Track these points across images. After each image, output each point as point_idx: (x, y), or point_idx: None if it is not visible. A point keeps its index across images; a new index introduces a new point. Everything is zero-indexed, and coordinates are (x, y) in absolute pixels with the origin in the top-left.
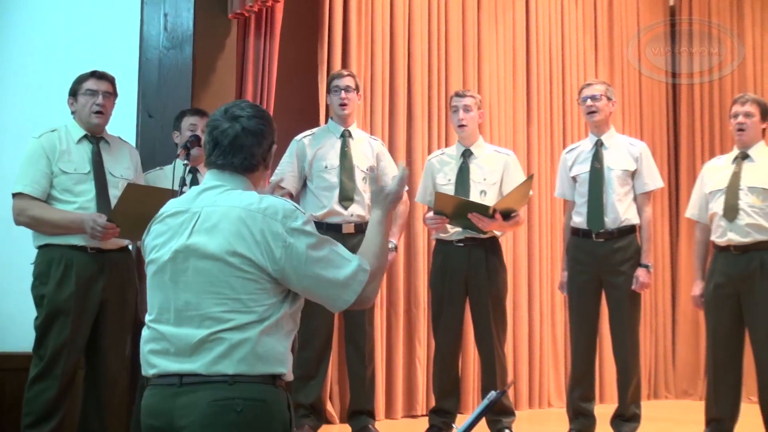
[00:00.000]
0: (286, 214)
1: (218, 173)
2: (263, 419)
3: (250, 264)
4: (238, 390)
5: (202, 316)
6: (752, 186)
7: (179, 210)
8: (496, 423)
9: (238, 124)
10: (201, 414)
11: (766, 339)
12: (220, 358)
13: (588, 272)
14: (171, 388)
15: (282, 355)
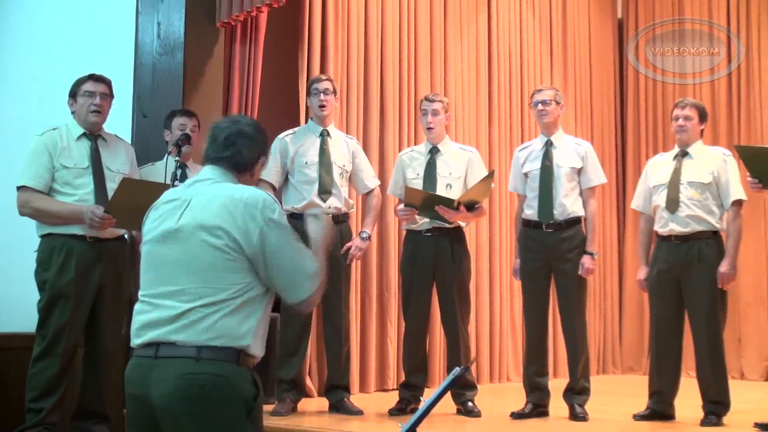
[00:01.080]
0: (265, 204)
1: (212, 167)
2: (224, 393)
3: (231, 241)
4: (203, 366)
5: (182, 292)
6: (691, 181)
7: (173, 198)
8: (460, 396)
9: (235, 126)
10: (170, 386)
11: (703, 320)
12: (190, 327)
13: (538, 260)
14: (148, 360)
15: (245, 331)
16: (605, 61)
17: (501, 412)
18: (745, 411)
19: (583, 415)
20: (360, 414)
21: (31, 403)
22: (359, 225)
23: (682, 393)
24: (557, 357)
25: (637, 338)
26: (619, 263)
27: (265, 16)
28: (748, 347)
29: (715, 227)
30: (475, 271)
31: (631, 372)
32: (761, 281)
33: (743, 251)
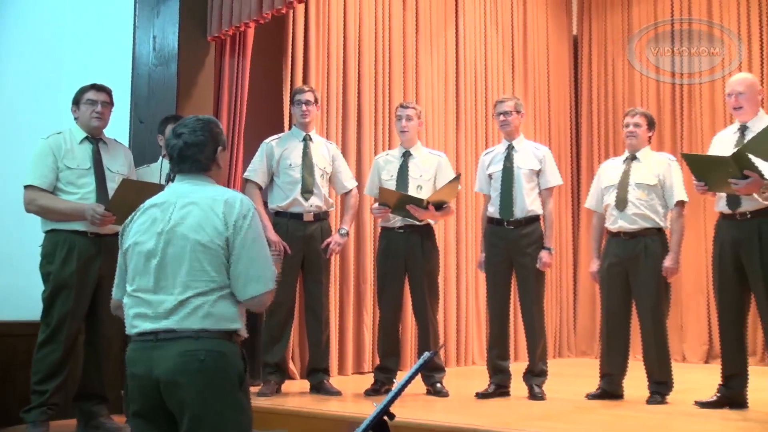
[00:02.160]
0: (242, 204)
1: (181, 176)
2: (221, 366)
3: (216, 236)
4: (201, 343)
5: (176, 284)
6: (639, 182)
7: (159, 202)
8: (430, 378)
9: (180, 140)
10: (172, 362)
11: (648, 308)
12: (187, 317)
13: (501, 254)
14: (149, 342)
15: (235, 315)
16: (561, 73)
17: (467, 392)
18: (686, 390)
19: (541, 394)
20: (338, 395)
21: (35, 386)
22: (338, 222)
23: (630, 374)
24: (517, 342)
25: (589, 325)
26: (573, 257)
27: (252, 31)
28: (689, 333)
29: (660, 225)
30: (443, 264)
31: (584, 355)
32: (701, 274)
33: (685, 247)
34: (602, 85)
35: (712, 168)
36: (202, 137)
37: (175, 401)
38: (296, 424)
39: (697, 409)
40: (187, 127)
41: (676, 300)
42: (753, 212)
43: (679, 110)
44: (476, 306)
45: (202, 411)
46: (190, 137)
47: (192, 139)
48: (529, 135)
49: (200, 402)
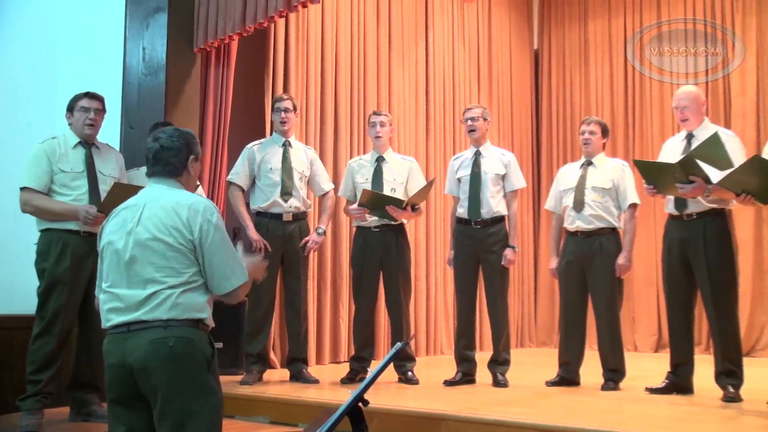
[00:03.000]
0: (206, 209)
1: (154, 179)
2: (189, 352)
3: (180, 237)
4: (170, 331)
5: (146, 280)
6: (595, 186)
7: (130, 205)
8: (401, 367)
9: (157, 143)
10: (143, 350)
11: (603, 302)
12: (156, 308)
13: (468, 251)
14: (122, 334)
15: (201, 306)
16: (523, 84)
17: (435, 380)
18: (638, 378)
19: (504, 382)
20: (316, 383)
21: (31, 376)
22: (316, 222)
23: (586, 363)
24: (483, 333)
25: (549, 318)
26: (534, 255)
27: (236, 43)
28: (640, 325)
29: (614, 225)
30: (415, 260)
31: (544, 346)
32: (651, 271)
33: (637, 246)
34: (560, 95)
35: (660, 173)
36: (177, 143)
37: (148, 386)
38: (277, 410)
39: (648, 395)
40: (166, 134)
41: (629, 294)
42: (698, 213)
43: (631, 118)
44: (444, 300)
45: (172, 393)
46: (167, 142)
47: (168, 144)
48: (494, 141)
49: (171, 384)
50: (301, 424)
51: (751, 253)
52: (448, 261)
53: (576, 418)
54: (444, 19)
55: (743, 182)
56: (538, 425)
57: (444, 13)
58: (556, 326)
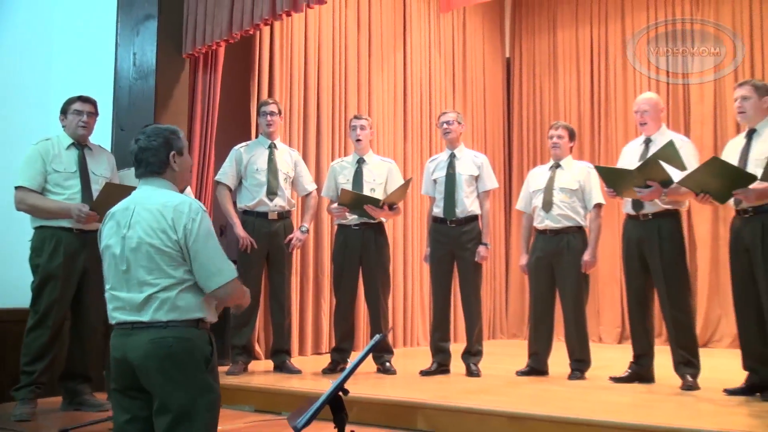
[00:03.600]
0: (191, 208)
1: (142, 181)
2: (188, 351)
3: (168, 240)
4: (170, 331)
5: (140, 283)
6: (563, 187)
7: (122, 208)
8: (380, 358)
9: (136, 145)
10: (144, 349)
11: (570, 296)
12: (156, 311)
13: (444, 248)
14: (126, 331)
15: (199, 305)
16: (496, 90)
17: (412, 370)
18: (602, 367)
19: (477, 371)
20: (299, 373)
21: (25, 367)
22: (299, 220)
23: (554, 353)
24: (457, 326)
25: (519, 311)
26: (505, 252)
27: (223, 49)
28: (604, 317)
29: (581, 224)
30: (393, 257)
31: (515, 337)
32: (615, 267)
33: (602, 243)
34: (530, 101)
35: (620, 178)
36: (154, 142)
37: (148, 382)
38: (261, 399)
39: (612, 384)
40: (144, 134)
41: (594, 289)
42: (653, 214)
43: (597, 123)
44: (421, 294)
45: (171, 390)
46: (144, 142)
47: (145, 144)
48: (468, 144)
49: (170, 383)
50: (284, 412)
51: (709, 250)
52: (424, 258)
53: (544, 406)
54: (421, 28)
55: (702, 182)
56: (508, 412)
57: (421, 23)
58: (526, 319)
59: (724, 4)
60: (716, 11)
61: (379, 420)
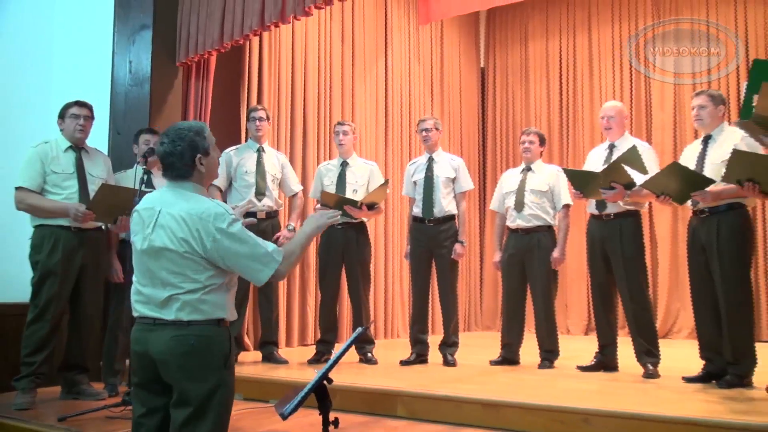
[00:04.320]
0: (216, 217)
1: (168, 181)
2: (208, 349)
3: (190, 249)
4: (191, 329)
5: (163, 282)
6: (533, 189)
7: (148, 207)
8: (362, 349)
9: (162, 148)
10: (166, 344)
11: (540, 291)
12: (179, 311)
13: (423, 246)
14: (148, 326)
15: (221, 305)
16: (471, 98)
17: (392, 360)
18: (570, 357)
19: (453, 361)
20: (286, 363)
21: (25, 358)
22: (286, 219)
23: (525, 344)
24: (434, 319)
25: (493, 305)
26: (480, 249)
27: (214, 58)
28: (572, 310)
29: (550, 223)
30: (374, 254)
31: (489, 329)
32: (582, 263)
33: (570, 242)
34: (503, 108)
35: (586, 180)
36: (180, 147)
37: (168, 377)
38: (250, 388)
39: (579, 372)
40: (169, 137)
41: (562, 284)
42: (615, 214)
43: (565, 129)
44: (401, 289)
45: (190, 386)
46: (169, 147)
47: (170, 149)
48: (445, 148)
49: (189, 378)
50: (272, 400)
51: (669, 248)
52: (404, 255)
53: (516, 394)
54: (401, 40)
55: (663, 185)
56: (482, 400)
57: (401, 34)
58: (499, 312)
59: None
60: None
61: (361, 407)
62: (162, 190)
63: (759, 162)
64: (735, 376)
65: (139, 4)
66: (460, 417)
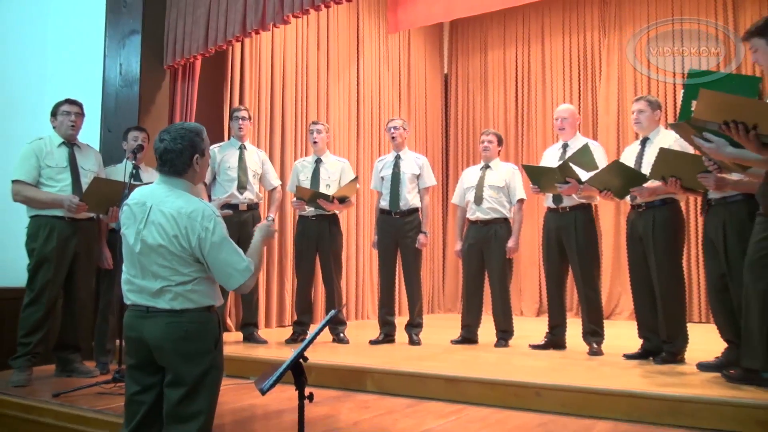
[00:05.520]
0: (204, 216)
1: (162, 177)
2: (200, 334)
3: (178, 245)
4: (184, 316)
5: (154, 274)
6: (491, 185)
7: (140, 201)
8: (335, 329)
9: (162, 145)
10: (160, 330)
11: (496, 277)
12: (171, 301)
13: (389, 236)
14: (142, 312)
15: (210, 294)
16: (435, 101)
17: (362, 340)
18: (523, 337)
19: (418, 341)
20: (265, 343)
21: (21, 339)
22: (266, 211)
23: (483, 325)
24: (401, 302)
25: (453, 289)
26: (442, 239)
27: (199, 61)
28: (525, 294)
29: (506, 216)
30: (345, 243)
31: (450, 312)
32: (534, 252)
33: (523, 232)
34: (465, 110)
35: (543, 175)
36: (180, 145)
37: (163, 360)
38: (232, 366)
39: (531, 350)
40: (170, 134)
41: (516, 270)
42: (570, 207)
43: (520, 130)
44: (370, 275)
45: (184, 368)
46: (171, 144)
47: (171, 146)
48: (411, 147)
49: (182, 361)
50: (252, 377)
51: (612, 238)
52: (373, 244)
53: (475, 370)
54: (372, 47)
55: (605, 181)
56: (444, 375)
57: (372, 42)
58: (460, 296)
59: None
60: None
61: (334, 383)
62: (154, 185)
63: (680, 159)
64: (669, 354)
65: (129, 11)
66: (424, 391)
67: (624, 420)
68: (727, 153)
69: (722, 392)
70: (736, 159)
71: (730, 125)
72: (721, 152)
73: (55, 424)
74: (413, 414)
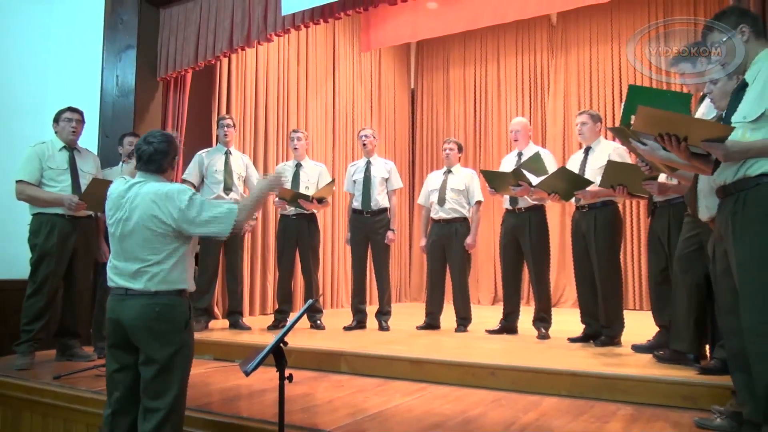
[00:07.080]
0: (179, 191)
1: (142, 174)
2: (171, 315)
3: (160, 223)
4: (157, 299)
5: (134, 257)
6: (453, 188)
7: (120, 194)
8: (312, 317)
9: (151, 147)
10: (135, 312)
11: (456, 270)
12: (147, 282)
13: (361, 233)
14: (121, 296)
15: (183, 279)
16: (403, 113)
17: (337, 326)
18: (480, 323)
19: (387, 327)
20: (249, 329)
21: (24, 326)
22: None
23: (445, 313)
24: (372, 292)
25: (419, 281)
26: (409, 236)
27: (190, 74)
28: (482, 285)
29: (465, 216)
30: (323, 240)
31: (416, 301)
32: (490, 248)
33: (480, 230)
34: (429, 121)
35: (499, 179)
36: (167, 147)
37: (137, 339)
38: (219, 350)
39: (487, 335)
40: (156, 138)
41: (474, 264)
42: (525, 208)
43: (479, 139)
44: (345, 268)
45: (156, 347)
46: (159, 146)
47: (161, 148)
48: (381, 153)
49: (154, 340)
50: (237, 360)
51: (558, 236)
52: (346, 240)
53: (437, 352)
54: (347, 63)
55: (552, 185)
56: (411, 357)
57: (347, 59)
58: (424, 287)
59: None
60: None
61: (311, 365)
62: (136, 181)
63: (627, 170)
64: (608, 337)
65: (125, 27)
66: (392, 372)
67: (567, 396)
68: (659, 156)
69: (653, 371)
70: (666, 162)
71: (664, 137)
72: (654, 155)
73: (55, 403)
74: (382, 392)
